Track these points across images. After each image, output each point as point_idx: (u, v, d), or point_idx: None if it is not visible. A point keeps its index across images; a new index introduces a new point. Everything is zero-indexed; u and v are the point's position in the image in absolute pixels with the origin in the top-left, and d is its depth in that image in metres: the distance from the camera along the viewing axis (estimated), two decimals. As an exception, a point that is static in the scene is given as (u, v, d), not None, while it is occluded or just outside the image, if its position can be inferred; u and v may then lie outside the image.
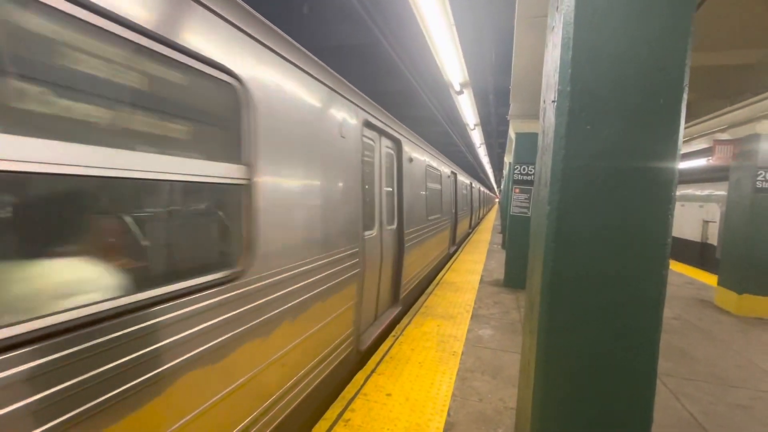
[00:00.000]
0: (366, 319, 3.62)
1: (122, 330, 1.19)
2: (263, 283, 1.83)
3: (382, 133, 3.91)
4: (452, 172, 9.13)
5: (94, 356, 1.11)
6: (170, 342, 1.35)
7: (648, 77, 1.32)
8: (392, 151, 4.39)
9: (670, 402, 2.99)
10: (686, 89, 1.31)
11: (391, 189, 4.37)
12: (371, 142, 3.72)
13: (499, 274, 7.40)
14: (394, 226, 4.50)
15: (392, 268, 4.48)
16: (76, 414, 1.07)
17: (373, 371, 3.23)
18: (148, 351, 1.27)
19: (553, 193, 1.43)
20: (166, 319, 1.34)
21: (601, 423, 1.44)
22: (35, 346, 0.99)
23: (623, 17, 1.34)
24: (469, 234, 16.63)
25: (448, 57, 3.99)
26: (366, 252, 3.51)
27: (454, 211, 9.57)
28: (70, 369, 1.06)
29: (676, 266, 9.24)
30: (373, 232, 3.80)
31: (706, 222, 13.92)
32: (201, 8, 1.53)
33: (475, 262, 8.75)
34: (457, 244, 11.09)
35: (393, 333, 4.13)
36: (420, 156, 5.50)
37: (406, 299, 4.96)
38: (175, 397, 1.39)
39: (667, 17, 1.31)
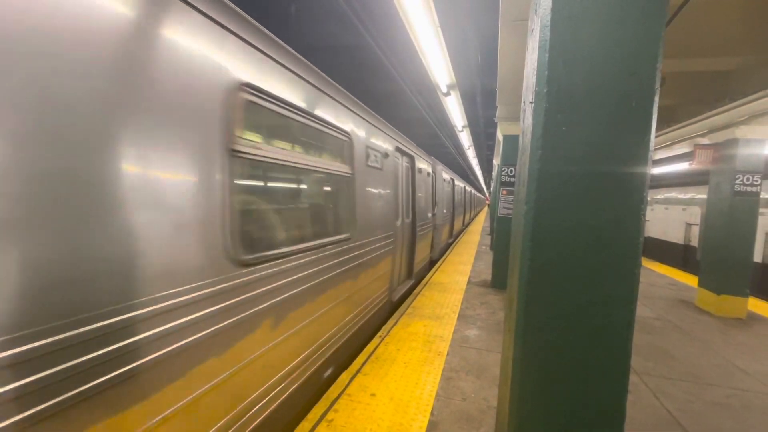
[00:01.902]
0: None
1: None
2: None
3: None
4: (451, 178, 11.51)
5: None
6: None
7: (621, 81, 1.35)
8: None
9: (649, 400, 3.05)
10: (657, 93, 1.34)
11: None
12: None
13: (487, 275, 7.46)
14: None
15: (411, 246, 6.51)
16: None
17: (358, 371, 3.23)
18: None
19: (530, 192, 1.45)
20: None
21: (576, 419, 1.46)
22: None
23: (598, 22, 1.37)
24: (468, 222, 22.62)
25: (435, 58, 4.02)
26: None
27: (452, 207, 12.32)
28: None
29: (659, 268, 9.42)
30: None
31: (689, 224, 14.24)
32: None
33: (464, 264, 8.80)
34: (462, 225, 15.72)
35: (379, 333, 4.13)
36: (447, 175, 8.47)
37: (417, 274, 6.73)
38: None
39: (640, 23, 1.34)
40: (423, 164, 6.90)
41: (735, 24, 3.68)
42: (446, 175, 10.22)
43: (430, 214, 7.62)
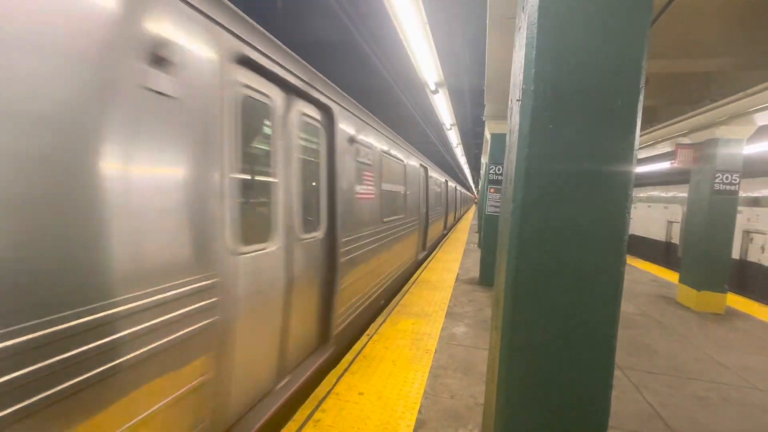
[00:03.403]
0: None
1: None
2: None
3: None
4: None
5: None
6: None
7: (606, 79, 1.36)
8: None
9: (631, 394, 3.11)
10: (642, 91, 1.35)
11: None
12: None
13: (475, 272, 7.51)
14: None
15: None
16: None
17: (345, 370, 3.21)
18: None
19: (517, 191, 1.45)
20: None
21: (562, 414, 1.47)
22: None
23: (584, 20, 1.37)
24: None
25: (423, 56, 4.01)
26: None
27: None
28: None
29: (641, 264, 9.63)
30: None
31: (670, 222, 14.60)
32: None
33: (452, 261, 8.84)
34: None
35: (367, 332, 4.12)
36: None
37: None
38: None
39: (626, 21, 1.35)
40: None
41: (715, 27, 3.76)
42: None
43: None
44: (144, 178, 1.46)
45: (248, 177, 2.23)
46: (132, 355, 1.41)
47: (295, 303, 2.78)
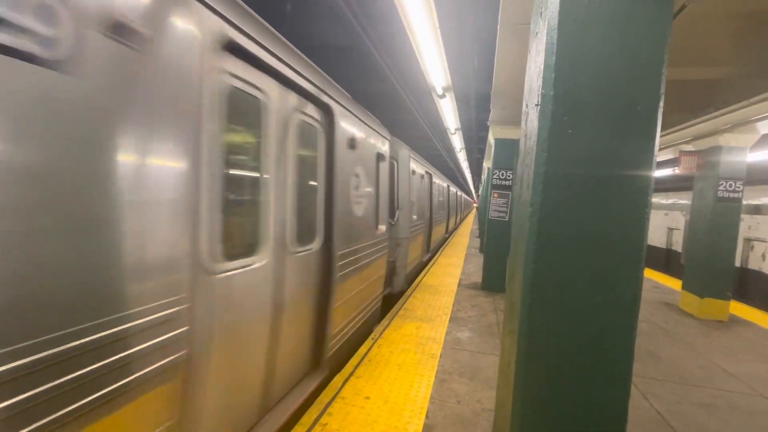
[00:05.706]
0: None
1: None
2: None
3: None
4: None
5: None
6: None
7: (627, 85, 1.37)
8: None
9: (639, 402, 3.09)
10: (662, 98, 1.36)
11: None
12: None
13: (477, 277, 7.50)
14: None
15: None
16: None
17: (351, 374, 3.19)
18: None
19: (535, 195, 1.45)
20: None
21: (579, 421, 1.47)
22: None
23: (603, 26, 1.38)
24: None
25: (432, 60, 4.03)
26: None
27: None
28: None
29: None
30: None
31: (670, 229, 14.60)
32: None
33: (454, 266, 8.83)
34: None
35: (372, 336, 4.10)
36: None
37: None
38: None
39: (646, 28, 1.36)
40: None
41: (721, 36, 3.79)
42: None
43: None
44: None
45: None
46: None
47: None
